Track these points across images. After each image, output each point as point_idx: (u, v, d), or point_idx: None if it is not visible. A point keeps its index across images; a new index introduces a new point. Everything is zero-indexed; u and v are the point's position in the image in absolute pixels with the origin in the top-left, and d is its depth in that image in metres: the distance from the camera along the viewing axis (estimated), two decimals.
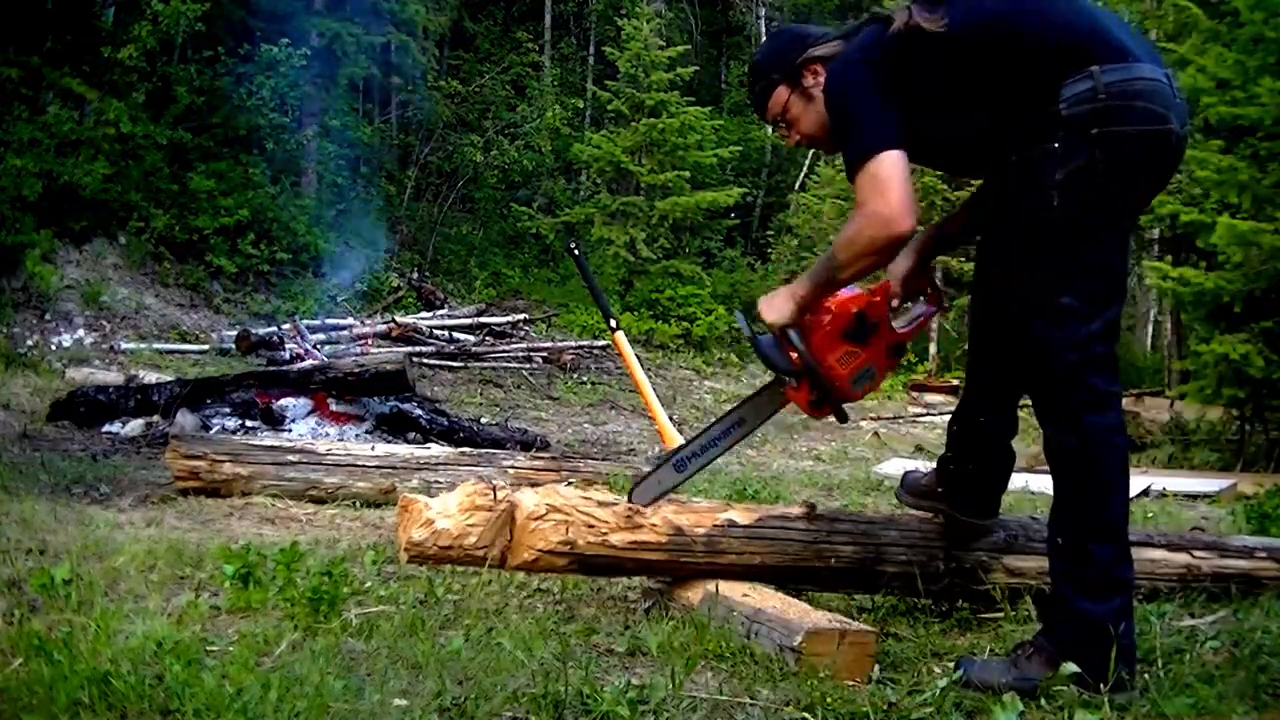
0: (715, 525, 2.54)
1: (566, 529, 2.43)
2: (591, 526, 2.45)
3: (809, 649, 2.08)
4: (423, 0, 15.89)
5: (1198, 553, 2.88)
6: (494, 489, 2.50)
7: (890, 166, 2.10)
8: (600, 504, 2.51)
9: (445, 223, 17.12)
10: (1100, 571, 2.09)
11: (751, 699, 1.97)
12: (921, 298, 2.50)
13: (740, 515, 2.58)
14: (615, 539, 2.46)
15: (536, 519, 2.43)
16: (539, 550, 2.42)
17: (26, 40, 11.70)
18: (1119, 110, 2.04)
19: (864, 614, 2.67)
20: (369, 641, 2.25)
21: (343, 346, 10.88)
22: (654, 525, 2.50)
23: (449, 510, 2.45)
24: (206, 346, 10.82)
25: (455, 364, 11.63)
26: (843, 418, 2.46)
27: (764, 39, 2.68)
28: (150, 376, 7.87)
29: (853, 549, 2.59)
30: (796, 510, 2.64)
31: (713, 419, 2.80)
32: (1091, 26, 2.13)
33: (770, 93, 2.43)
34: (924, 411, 12.29)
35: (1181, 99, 2.14)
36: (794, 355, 2.33)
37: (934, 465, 2.67)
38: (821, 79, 2.34)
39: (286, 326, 10.83)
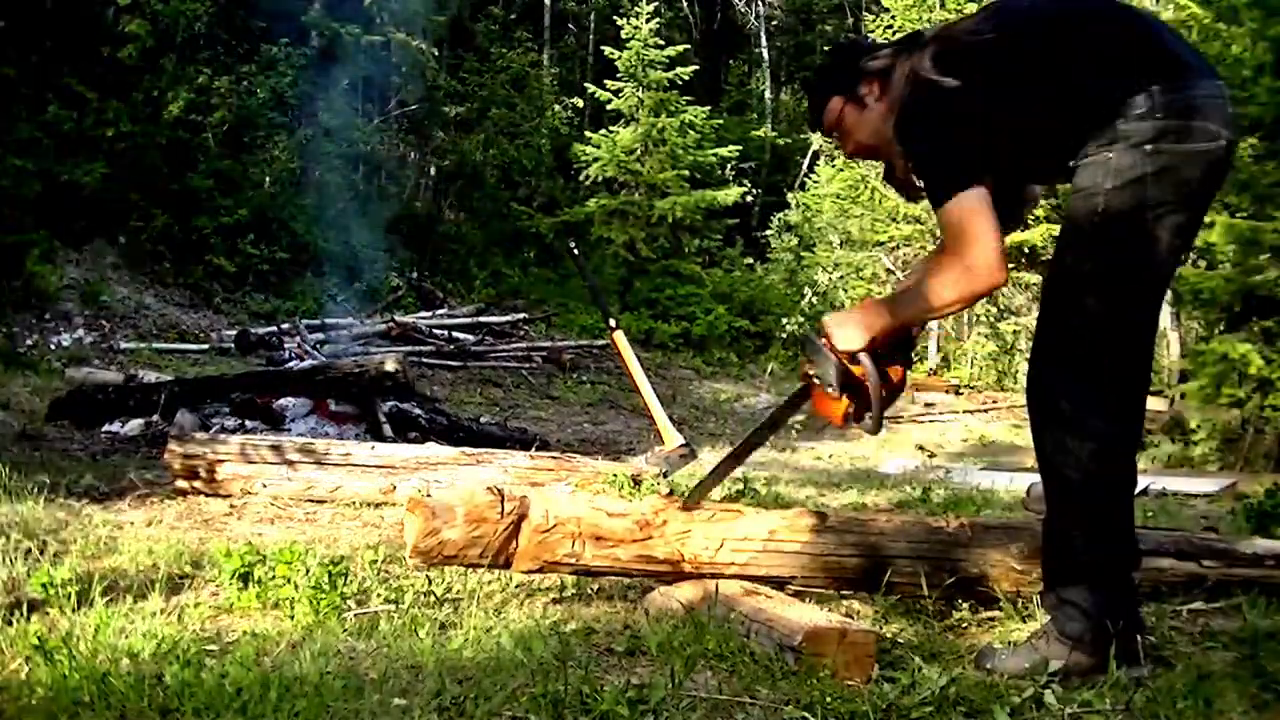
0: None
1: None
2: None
3: (809, 649, 2.08)
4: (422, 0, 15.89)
5: (1205, 562, 2.87)
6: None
7: (971, 211, 2.13)
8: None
9: (445, 222, 17.11)
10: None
11: (751, 698, 1.97)
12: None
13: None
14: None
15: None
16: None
17: (26, 40, 11.69)
18: (1175, 130, 2.09)
19: (864, 613, 2.67)
20: (369, 641, 2.25)
21: (342, 346, 10.87)
22: None
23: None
24: (206, 346, 10.82)
25: (455, 363, 11.63)
26: (877, 430, 2.46)
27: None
28: (150, 376, 7.85)
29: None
30: None
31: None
32: (1153, 42, 2.17)
33: (825, 103, 2.47)
34: (924, 411, 12.31)
35: (1232, 108, 2.19)
36: (859, 371, 2.35)
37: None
38: (876, 90, 2.37)
39: (286, 326, 10.80)
